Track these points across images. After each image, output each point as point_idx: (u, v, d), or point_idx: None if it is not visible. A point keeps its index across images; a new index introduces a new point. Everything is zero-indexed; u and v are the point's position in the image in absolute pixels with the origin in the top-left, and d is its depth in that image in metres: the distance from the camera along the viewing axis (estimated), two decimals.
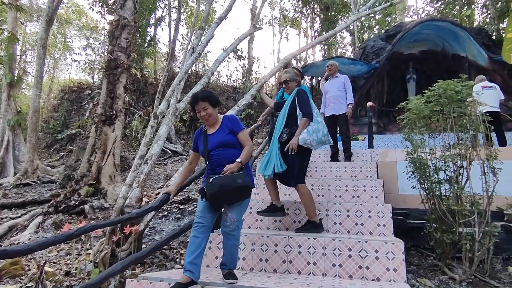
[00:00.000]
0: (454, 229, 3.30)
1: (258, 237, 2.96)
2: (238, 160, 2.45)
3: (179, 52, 18.87)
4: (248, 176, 2.45)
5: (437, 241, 3.48)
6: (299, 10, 19.99)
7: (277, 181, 3.40)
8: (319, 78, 13.02)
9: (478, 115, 3.51)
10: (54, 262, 4.17)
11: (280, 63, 5.32)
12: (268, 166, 3.24)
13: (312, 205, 3.19)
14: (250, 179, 2.50)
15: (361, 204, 3.40)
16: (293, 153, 3.12)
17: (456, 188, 3.36)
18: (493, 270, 3.55)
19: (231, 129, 2.59)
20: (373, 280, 2.56)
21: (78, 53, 20.89)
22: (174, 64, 16.77)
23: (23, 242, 5.19)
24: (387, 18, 19.54)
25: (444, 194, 3.51)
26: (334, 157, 5.33)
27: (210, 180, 2.36)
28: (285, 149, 3.16)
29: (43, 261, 3.60)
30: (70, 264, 4.02)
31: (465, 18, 14.08)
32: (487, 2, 14.24)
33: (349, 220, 3.35)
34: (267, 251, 2.89)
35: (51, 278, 3.33)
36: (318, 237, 2.81)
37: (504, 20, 13.00)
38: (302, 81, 4.46)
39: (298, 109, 3.30)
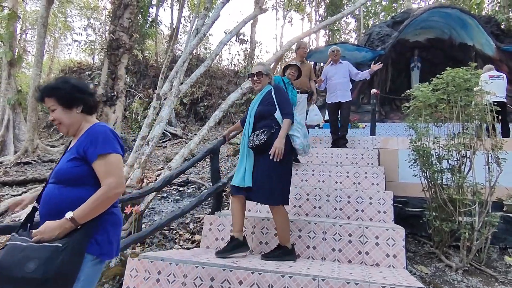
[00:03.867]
0: (453, 218, 3.31)
1: (258, 220, 2.97)
2: (67, 216, 1.35)
3: (181, 35, 18.60)
4: (69, 256, 1.30)
5: (436, 229, 3.50)
6: None
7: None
8: (322, 64, 12.85)
9: (486, 105, 3.46)
10: None
11: (286, 46, 5.24)
12: (245, 176, 2.59)
13: (288, 228, 2.66)
14: (95, 248, 1.42)
15: (362, 191, 3.40)
16: (277, 160, 2.50)
17: (458, 177, 3.35)
18: (489, 259, 3.58)
19: (84, 151, 1.49)
20: (372, 265, 2.58)
21: (79, 33, 20.61)
22: (175, 47, 16.53)
23: None
24: (393, 4, 19.15)
25: (446, 183, 3.50)
26: (336, 143, 5.28)
27: None
28: (270, 155, 2.51)
29: None
30: None
31: (474, 6, 13.78)
32: None
33: (349, 206, 3.35)
34: (267, 234, 2.90)
35: None
36: (318, 222, 2.82)
37: None
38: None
39: (277, 107, 2.69)
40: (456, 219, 3.28)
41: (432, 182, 3.57)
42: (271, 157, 2.49)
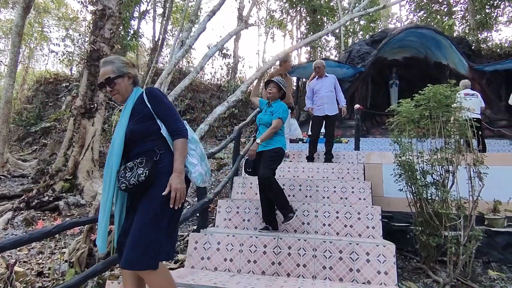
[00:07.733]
0: (439, 232, 3.32)
1: (246, 237, 2.86)
2: None
3: (164, 48, 18.50)
4: None
5: (423, 244, 3.50)
6: (286, 11, 20.04)
7: None
8: (304, 79, 13.05)
9: (466, 120, 3.56)
10: (25, 261, 3.90)
11: (271, 61, 5.26)
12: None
13: None
14: None
15: (350, 206, 3.37)
16: (165, 205, 1.69)
17: (442, 191, 3.39)
18: (474, 273, 3.60)
19: None
20: (364, 283, 2.52)
21: (56, 44, 19.99)
22: (158, 59, 16.40)
23: None
24: (371, 24, 19.92)
25: (431, 197, 3.53)
26: (312, 158, 5.26)
27: None
28: (154, 197, 1.71)
29: (13, 260, 3.35)
30: (43, 263, 3.77)
31: (446, 27, 14.52)
32: (466, 14, 14.78)
33: (338, 222, 3.30)
34: (256, 252, 2.79)
35: (21, 279, 3.10)
36: (308, 239, 2.75)
37: (483, 31, 13.51)
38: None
39: (159, 122, 1.84)
40: (442, 234, 3.30)
41: (418, 197, 3.59)
42: (171, 205, 1.69)
